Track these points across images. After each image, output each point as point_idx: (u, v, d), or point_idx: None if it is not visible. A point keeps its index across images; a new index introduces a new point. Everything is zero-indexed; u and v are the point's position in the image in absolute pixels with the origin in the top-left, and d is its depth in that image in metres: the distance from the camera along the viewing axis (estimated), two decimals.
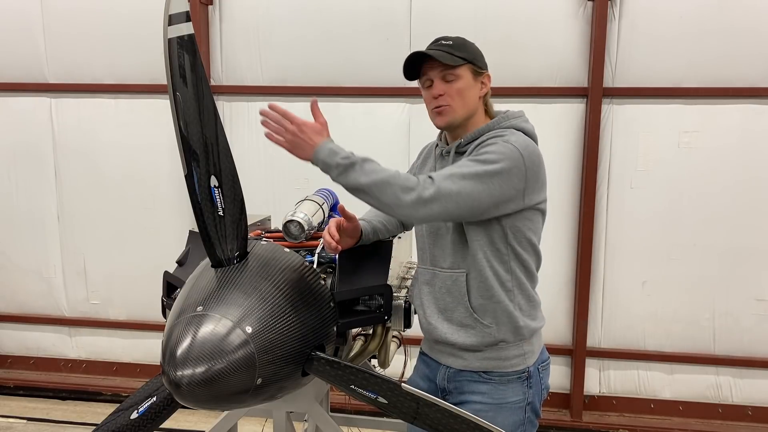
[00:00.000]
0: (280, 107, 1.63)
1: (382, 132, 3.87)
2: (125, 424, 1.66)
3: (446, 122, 1.80)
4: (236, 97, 4.04)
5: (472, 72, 1.78)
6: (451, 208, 1.60)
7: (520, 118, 1.83)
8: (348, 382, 1.47)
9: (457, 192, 1.59)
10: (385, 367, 2.17)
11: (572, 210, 3.83)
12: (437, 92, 1.77)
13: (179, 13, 1.45)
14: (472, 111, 1.80)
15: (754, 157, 3.64)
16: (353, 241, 1.91)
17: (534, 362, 1.83)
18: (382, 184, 1.58)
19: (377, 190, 1.59)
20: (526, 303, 1.82)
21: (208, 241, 1.54)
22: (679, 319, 3.84)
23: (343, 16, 3.84)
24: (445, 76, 1.76)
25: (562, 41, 3.69)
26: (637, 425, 3.87)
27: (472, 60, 1.77)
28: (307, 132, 1.62)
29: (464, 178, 1.60)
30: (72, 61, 4.16)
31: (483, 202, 1.63)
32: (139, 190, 4.22)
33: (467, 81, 1.77)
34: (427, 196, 1.57)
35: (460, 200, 1.60)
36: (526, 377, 1.81)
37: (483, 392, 1.79)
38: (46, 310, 4.49)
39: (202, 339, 1.36)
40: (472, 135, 1.79)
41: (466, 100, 1.77)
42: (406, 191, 1.58)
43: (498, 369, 1.80)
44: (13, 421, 4.08)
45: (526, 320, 1.80)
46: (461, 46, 1.78)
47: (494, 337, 1.78)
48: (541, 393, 1.87)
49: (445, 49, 1.75)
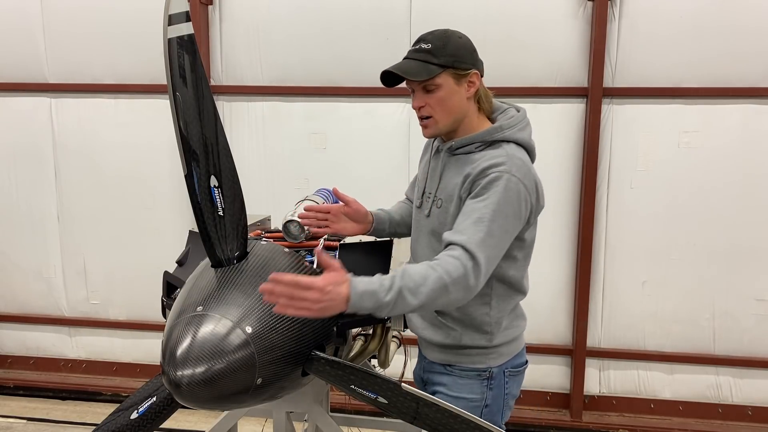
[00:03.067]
0: (284, 277, 1.35)
1: (382, 132, 3.88)
2: (125, 424, 1.66)
3: (431, 134, 1.76)
4: (236, 97, 4.04)
5: (453, 77, 1.67)
6: (491, 270, 1.59)
7: (516, 126, 1.74)
8: (348, 382, 1.47)
9: (495, 256, 1.58)
10: (385, 367, 2.17)
11: (572, 210, 3.83)
12: (417, 104, 1.71)
13: (179, 13, 1.45)
14: (459, 116, 1.73)
15: (754, 157, 3.64)
16: (360, 226, 1.90)
17: (500, 364, 1.80)
18: (436, 295, 1.47)
19: (434, 302, 1.49)
20: (504, 315, 1.79)
21: (208, 241, 1.54)
22: (679, 319, 3.84)
23: (343, 15, 3.84)
24: (425, 86, 1.68)
25: (562, 41, 3.69)
26: (637, 425, 3.87)
27: (452, 64, 1.66)
28: (331, 291, 1.37)
29: (493, 238, 1.56)
30: (72, 61, 4.16)
31: (507, 246, 1.64)
32: (139, 190, 4.22)
33: (448, 88, 1.68)
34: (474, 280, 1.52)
35: (496, 261, 1.60)
36: (487, 377, 1.78)
37: (444, 384, 1.82)
38: (46, 310, 4.48)
39: (202, 339, 1.36)
40: (463, 140, 1.74)
41: (449, 109, 1.70)
42: (459, 286, 1.49)
43: (458, 363, 1.80)
44: (13, 421, 4.08)
45: (497, 332, 1.79)
46: (440, 49, 1.65)
47: (458, 341, 1.79)
48: (503, 398, 1.82)
49: (422, 57, 1.66)
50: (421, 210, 1.86)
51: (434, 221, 1.78)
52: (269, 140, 4.02)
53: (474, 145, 1.72)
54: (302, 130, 3.99)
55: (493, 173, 1.60)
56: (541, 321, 3.88)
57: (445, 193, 1.75)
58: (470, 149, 1.73)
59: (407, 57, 1.70)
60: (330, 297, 1.37)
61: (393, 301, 1.43)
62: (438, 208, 1.77)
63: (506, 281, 1.76)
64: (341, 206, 1.87)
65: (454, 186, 1.71)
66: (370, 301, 1.41)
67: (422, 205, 1.86)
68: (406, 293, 1.44)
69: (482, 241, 1.53)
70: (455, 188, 1.70)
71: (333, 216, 1.88)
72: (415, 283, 1.45)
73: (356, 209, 1.88)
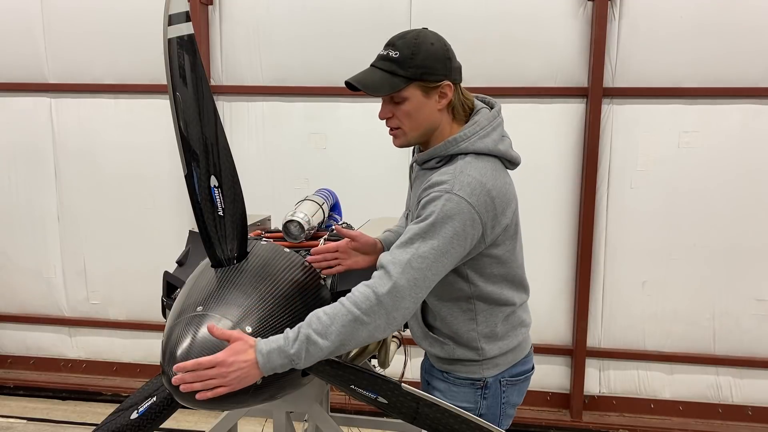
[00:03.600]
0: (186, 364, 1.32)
1: (382, 132, 3.85)
2: (125, 424, 1.66)
3: (400, 144, 1.67)
4: (236, 97, 4.04)
5: (421, 89, 1.55)
6: (422, 294, 1.47)
7: (476, 135, 1.59)
8: (348, 382, 1.47)
9: (424, 278, 1.45)
10: (385, 367, 2.17)
11: (572, 210, 3.83)
12: (383, 115, 1.63)
13: (179, 13, 1.45)
14: (429, 128, 1.62)
15: (754, 156, 3.64)
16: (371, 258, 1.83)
17: (495, 374, 1.73)
18: (350, 330, 1.39)
19: (353, 337, 1.40)
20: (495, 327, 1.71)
21: (208, 241, 1.54)
22: (679, 319, 3.84)
23: (344, 15, 3.84)
24: (391, 97, 1.58)
25: (562, 41, 3.69)
26: (637, 425, 3.86)
27: (419, 77, 1.53)
28: (233, 362, 1.33)
29: (421, 259, 1.44)
30: (72, 61, 4.16)
31: (447, 269, 1.51)
32: (139, 190, 4.22)
33: (416, 101, 1.56)
34: (392, 304, 1.42)
35: (426, 283, 1.46)
36: (481, 386, 1.73)
37: (441, 390, 1.78)
38: (46, 310, 4.48)
39: (202, 339, 1.36)
40: (424, 156, 1.65)
41: (417, 121, 1.59)
42: (375, 315, 1.40)
43: (453, 371, 1.76)
44: (13, 421, 4.08)
45: (489, 346, 1.71)
46: (408, 59, 1.53)
47: (451, 354, 1.74)
48: (500, 407, 1.76)
49: (387, 66, 1.55)
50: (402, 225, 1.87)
51: None
52: (269, 140, 4.02)
53: (434, 160, 1.63)
54: (302, 130, 3.99)
55: (433, 193, 1.51)
56: (541, 321, 3.87)
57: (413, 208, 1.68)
58: (432, 164, 1.64)
59: (373, 64, 1.60)
60: (237, 367, 1.33)
61: (302, 350, 1.36)
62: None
63: (486, 299, 1.68)
64: (348, 242, 1.80)
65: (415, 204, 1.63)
66: (279, 359, 1.36)
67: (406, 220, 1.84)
68: (315, 338, 1.37)
69: (407, 262, 1.43)
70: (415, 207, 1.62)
71: (342, 254, 1.80)
72: (322, 325, 1.38)
73: (364, 242, 1.81)
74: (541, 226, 3.80)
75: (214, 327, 1.37)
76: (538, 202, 3.79)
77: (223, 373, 1.32)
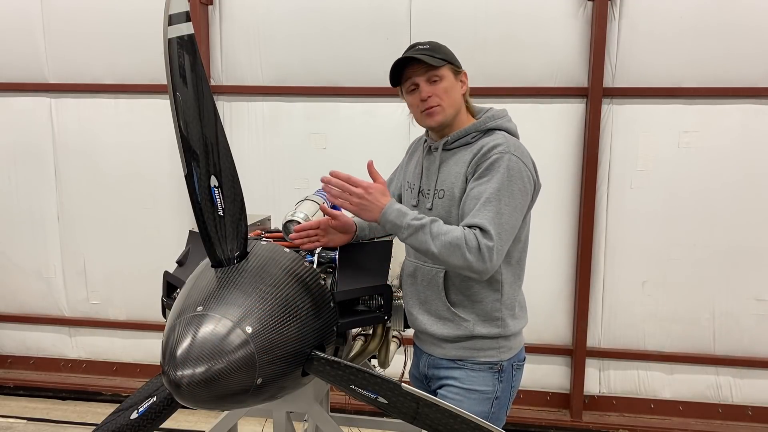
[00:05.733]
0: (341, 173, 1.68)
1: (382, 132, 3.87)
2: (125, 424, 1.66)
3: (438, 122, 1.84)
4: (236, 97, 4.04)
5: (452, 72, 1.83)
6: (506, 246, 1.70)
7: (504, 117, 1.88)
8: (348, 382, 1.47)
9: (507, 232, 1.68)
10: (385, 367, 2.17)
11: (572, 210, 3.83)
12: (426, 94, 1.81)
13: (179, 13, 1.44)
14: (458, 109, 1.86)
15: (754, 157, 3.64)
16: (347, 236, 1.96)
17: (510, 358, 1.88)
18: (450, 247, 1.62)
19: (446, 253, 1.63)
20: (511, 302, 1.86)
21: (208, 241, 1.54)
22: (679, 319, 3.84)
23: (343, 15, 3.84)
24: (429, 78, 1.80)
25: (562, 41, 3.69)
26: (637, 425, 3.87)
27: (450, 60, 1.83)
28: (373, 194, 1.68)
29: (501, 213, 1.67)
30: (72, 61, 4.16)
31: (518, 223, 1.74)
32: (139, 190, 4.22)
33: (450, 80, 1.82)
34: (489, 248, 1.63)
35: (510, 235, 1.70)
36: (498, 370, 1.85)
37: (456, 377, 1.86)
38: (46, 310, 4.49)
39: (202, 339, 1.36)
40: (458, 133, 1.85)
41: (452, 99, 1.83)
42: (474, 253, 1.62)
43: (471, 357, 1.85)
44: (13, 421, 4.08)
45: (508, 320, 1.86)
46: (438, 49, 1.82)
47: (470, 331, 1.83)
48: (510, 390, 1.90)
49: (426, 52, 1.80)
50: (420, 206, 1.92)
51: (439, 211, 1.84)
52: (269, 140, 4.02)
53: (470, 135, 1.84)
54: (302, 130, 4.00)
55: (494, 154, 1.73)
56: (541, 321, 3.88)
57: (447, 184, 1.84)
58: (466, 140, 1.84)
59: (405, 55, 1.81)
60: (371, 198, 1.67)
61: (415, 228, 1.64)
62: (440, 198, 1.85)
63: (512, 263, 1.85)
64: (328, 220, 1.93)
65: (456, 174, 1.81)
66: (396, 218, 1.66)
67: (420, 203, 1.93)
68: (428, 230, 1.64)
69: (492, 219, 1.65)
70: (458, 176, 1.80)
71: (321, 231, 1.93)
72: (439, 230, 1.64)
73: (344, 222, 1.94)
74: (541, 225, 3.76)
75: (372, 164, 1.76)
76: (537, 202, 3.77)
77: (360, 195, 1.68)
